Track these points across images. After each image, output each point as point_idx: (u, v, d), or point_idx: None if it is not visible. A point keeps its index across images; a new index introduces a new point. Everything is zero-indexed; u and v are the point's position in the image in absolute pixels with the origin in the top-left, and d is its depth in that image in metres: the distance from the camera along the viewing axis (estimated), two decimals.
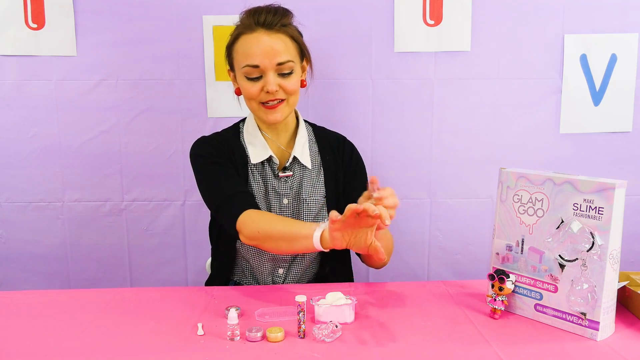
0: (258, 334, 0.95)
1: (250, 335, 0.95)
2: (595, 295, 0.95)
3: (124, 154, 1.76)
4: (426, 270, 1.86)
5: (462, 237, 1.83)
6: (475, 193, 1.81)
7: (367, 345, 0.94)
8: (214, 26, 1.70)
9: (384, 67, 1.74)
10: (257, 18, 1.20)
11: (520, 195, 1.05)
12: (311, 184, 1.33)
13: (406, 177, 1.80)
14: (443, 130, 1.78)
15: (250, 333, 0.95)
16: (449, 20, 1.71)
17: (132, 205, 1.79)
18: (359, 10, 1.71)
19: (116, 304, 1.14)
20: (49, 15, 1.68)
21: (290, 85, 1.22)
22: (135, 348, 0.94)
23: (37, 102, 1.72)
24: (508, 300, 1.06)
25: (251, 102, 1.26)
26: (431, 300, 1.15)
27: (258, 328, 0.96)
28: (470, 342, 0.95)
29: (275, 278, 1.35)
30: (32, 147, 1.75)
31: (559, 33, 1.73)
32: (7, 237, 1.80)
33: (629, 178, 1.06)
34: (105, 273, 1.83)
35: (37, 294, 1.20)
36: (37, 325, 1.04)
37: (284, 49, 1.21)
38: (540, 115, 1.77)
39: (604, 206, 0.93)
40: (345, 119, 1.75)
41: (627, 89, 1.76)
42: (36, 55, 1.70)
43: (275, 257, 1.31)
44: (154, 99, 1.74)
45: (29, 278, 1.82)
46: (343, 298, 1.03)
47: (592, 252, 0.95)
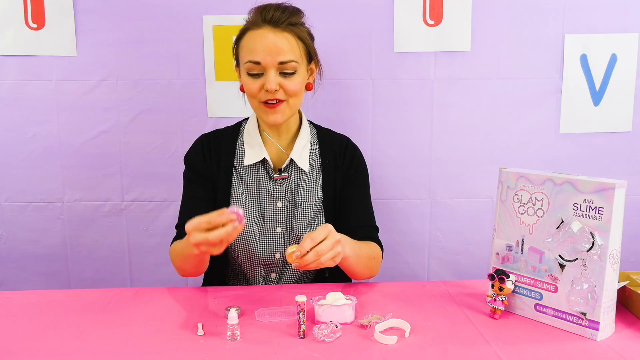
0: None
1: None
2: (595, 295, 0.95)
3: (124, 154, 1.76)
4: (426, 270, 1.86)
5: (462, 237, 1.83)
6: (475, 193, 1.81)
7: (367, 345, 0.94)
8: (214, 26, 1.70)
9: (384, 67, 1.74)
10: (264, 15, 1.19)
11: (520, 195, 1.05)
12: (307, 188, 1.30)
13: (406, 177, 1.80)
14: (443, 130, 1.78)
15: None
16: (449, 20, 1.71)
17: (132, 205, 1.79)
18: (359, 10, 1.71)
19: (116, 304, 1.14)
20: (49, 15, 1.68)
21: (291, 86, 1.20)
22: (135, 348, 0.94)
23: (37, 102, 1.72)
24: (508, 300, 1.06)
25: (252, 100, 1.24)
26: (431, 300, 1.14)
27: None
28: (470, 342, 0.95)
29: (269, 282, 1.34)
30: (32, 147, 1.75)
31: (559, 33, 1.73)
32: (7, 237, 1.80)
33: (629, 178, 1.06)
34: (105, 273, 1.83)
35: (37, 294, 1.20)
36: (37, 325, 1.04)
37: (288, 48, 1.18)
38: (540, 115, 1.77)
39: (604, 206, 0.93)
40: (345, 119, 1.75)
41: (627, 89, 1.76)
42: (36, 55, 1.70)
43: (267, 261, 1.30)
44: (154, 99, 1.74)
45: (29, 278, 1.81)
46: (343, 298, 1.03)
47: (592, 252, 0.95)
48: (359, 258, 1.19)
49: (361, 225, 1.30)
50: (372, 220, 1.35)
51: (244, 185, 1.30)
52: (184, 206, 1.32)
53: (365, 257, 1.23)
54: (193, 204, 1.30)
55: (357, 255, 1.17)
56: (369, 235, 1.30)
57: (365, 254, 1.23)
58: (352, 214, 1.31)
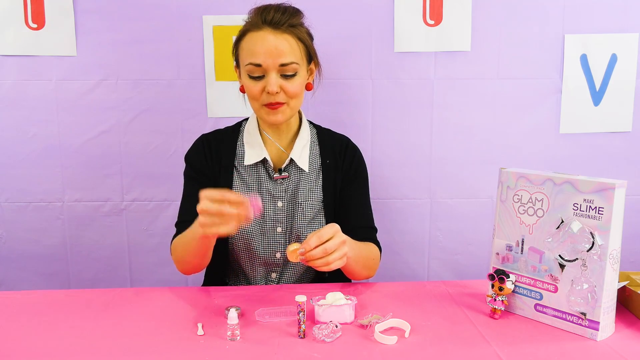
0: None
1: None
2: (595, 295, 0.95)
3: (124, 154, 1.76)
4: (426, 270, 1.86)
5: (462, 237, 1.83)
6: (475, 193, 1.81)
7: (367, 345, 0.94)
8: (214, 26, 1.70)
9: (384, 67, 1.74)
10: (264, 16, 1.18)
11: (520, 195, 1.05)
12: (308, 188, 1.30)
13: (406, 177, 1.80)
14: (443, 130, 1.78)
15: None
16: (449, 20, 1.71)
17: (132, 205, 1.79)
18: (359, 10, 1.71)
19: (116, 304, 1.14)
20: (49, 15, 1.68)
21: (292, 88, 1.20)
22: (135, 348, 0.94)
23: (37, 102, 1.72)
24: (508, 300, 1.06)
25: (253, 101, 1.25)
26: (431, 300, 1.14)
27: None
28: (470, 342, 0.95)
29: (269, 282, 1.34)
30: (32, 147, 1.75)
31: (559, 33, 1.73)
32: (7, 237, 1.80)
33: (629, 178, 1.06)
34: (105, 273, 1.83)
35: (37, 294, 1.20)
36: (37, 325, 1.04)
37: (289, 50, 1.18)
38: (540, 115, 1.77)
39: (604, 206, 0.93)
40: (345, 119, 1.75)
41: (627, 89, 1.76)
42: (36, 55, 1.70)
43: (267, 261, 1.30)
44: (154, 99, 1.74)
45: (29, 278, 1.81)
46: (343, 298, 1.03)
47: (592, 252, 0.95)
48: (359, 259, 1.19)
49: (360, 226, 1.30)
50: (371, 221, 1.35)
51: (244, 185, 1.30)
52: (184, 203, 1.32)
53: (364, 258, 1.23)
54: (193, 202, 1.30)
55: (357, 256, 1.17)
56: (367, 236, 1.30)
57: (364, 255, 1.23)
58: (351, 215, 1.31)
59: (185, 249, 1.20)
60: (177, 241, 1.25)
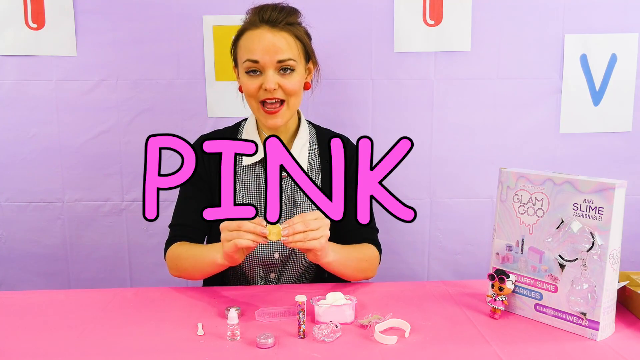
0: (269, 340, 0.93)
1: (261, 341, 0.93)
2: (595, 295, 0.95)
3: (124, 154, 1.76)
4: (426, 270, 1.86)
5: (462, 237, 1.83)
6: (475, 193, 1.81)
7: (367, 345, 0.94)
8: (214, 26, 1.70)
9: (384, 67, 1.74)
10: (262, 15, 1.20)
11: (520, 195, 1.05)
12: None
13: (406, 177, 1.80)
14: (443, 130, 1.78)
15: (260, 339, 0.93)
16: (449, 20, 1.71)
17: (132, 205, 1.79)
18: (359, 10, 1.71)
19: (116, 304, 1.14)
20: (49, 15, 1.68)
21: (289, 85, 1.21)
22: (135, 348, 0.94)
23: (37, 102, 1.72)
24: (508, 300, 1.06)
25: (251, 100, 1.25)
26: (431, 300, 1.15)
27: (268, 335, 0.94)
28: (470, 342, 0.95)
29: (268, 282, 1.34)
30: (32, 147, 1.75)
31: (559, 33, 1.73)
32: (7, 237, 1.80)
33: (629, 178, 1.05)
34: (105, 273, 1.83)
35: (37, 294, 1.20)
36: (37, 325, 1.04)
37: (286, 47, 1.20)
38: (540, 115, 1.77)
39: (604, 206, 0.93)
40: (345, 119, 1.75)
41: (627, 89, 1.76)
42: (36, 55, 1.70)
43: (265, 261, 1.30)
44: (154, 99, 1.74)
45: (29, 278, 1.81)
46: (343, 298, 1.03)
47: (592, 252, 0.95)
48: (347, 261, 1.20)
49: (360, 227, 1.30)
50: (372, 221, 1.35)
51: (242, 186, 1.30)
52: (179, 206, 1.33)
53: (354, 261, 1.23)
54: (189, 205, 1.31)
55: (344, 258, 1.18)
56: (368, 236, 1.30)
57: (354, 258, 1.23)
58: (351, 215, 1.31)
59: (193, 266, 1.22)
60: (181, 252, 1.25)
